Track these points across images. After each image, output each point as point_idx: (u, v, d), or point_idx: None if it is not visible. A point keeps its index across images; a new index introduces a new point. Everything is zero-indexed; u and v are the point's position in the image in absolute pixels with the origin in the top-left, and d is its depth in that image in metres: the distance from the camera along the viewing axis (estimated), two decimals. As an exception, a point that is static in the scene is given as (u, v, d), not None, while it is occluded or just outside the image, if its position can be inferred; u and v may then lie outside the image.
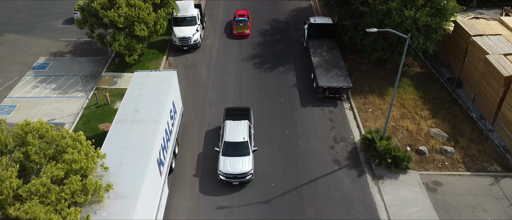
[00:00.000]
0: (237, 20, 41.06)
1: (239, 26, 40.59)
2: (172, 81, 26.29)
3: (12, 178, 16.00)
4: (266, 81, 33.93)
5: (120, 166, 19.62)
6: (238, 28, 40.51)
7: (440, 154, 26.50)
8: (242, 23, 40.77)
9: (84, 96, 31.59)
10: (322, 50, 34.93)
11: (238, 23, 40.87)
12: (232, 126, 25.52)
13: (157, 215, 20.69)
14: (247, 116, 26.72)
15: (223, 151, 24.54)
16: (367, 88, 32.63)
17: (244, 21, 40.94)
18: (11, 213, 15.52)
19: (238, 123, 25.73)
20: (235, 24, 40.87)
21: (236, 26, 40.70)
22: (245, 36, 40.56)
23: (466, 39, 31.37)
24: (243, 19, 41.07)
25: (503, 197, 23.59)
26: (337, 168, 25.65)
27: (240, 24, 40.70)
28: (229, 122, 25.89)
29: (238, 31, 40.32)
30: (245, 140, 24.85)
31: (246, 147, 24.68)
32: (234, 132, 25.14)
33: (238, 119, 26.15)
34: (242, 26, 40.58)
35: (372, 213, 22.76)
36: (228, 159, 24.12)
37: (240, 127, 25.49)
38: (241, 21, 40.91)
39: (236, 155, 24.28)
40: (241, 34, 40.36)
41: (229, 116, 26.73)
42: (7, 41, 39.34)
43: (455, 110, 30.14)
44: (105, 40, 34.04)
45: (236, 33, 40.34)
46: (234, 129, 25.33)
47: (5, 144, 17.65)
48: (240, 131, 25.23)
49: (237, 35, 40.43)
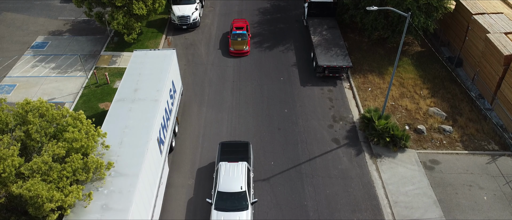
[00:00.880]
0: (235, 34, 34.83)
1: (236, 42, 34.34)
2: (172, 60, 26.24)
3: (14, 156, 16.17)
4: (266, 60, 33.85)
5: (121, 145, 19.82)
6: (236, 44, 34.23)
7: (438, 133, 26.68)
8: (240, 37, 34.58)
9: (83, 75, 31.58)
10: (322, 29, 34.71)
11: (235, 37, 34.63)
12: (228, 171, 21.59)
13: (158, 193, 21.01)
14: (245, 154, 22.90)
15: (217, 203, 20.73)
16: (366, 68, 32.58)
17: (243, 35, 34.80)
18: (14, 190, 15.76)
19: (235, 166, 21.77)
20: (232, 39, 34.54)
21: (233, 41, 34.39)
22: (244, 54, 34.32)
23: (467, 17, 31.12)
24: (242, 33, 34.88)
25: (499, 175, 23.89)
26: (335, 146, 25.89)
27: (238, 39, 34.47)
28: (223, 164, 21.92)
29: (236, 48, 34.02)
30: (243, 189, 20.97)
31: (244, 199, 20.85)
32: (230, 179, 21.25)
33: (235, 159, 22.34)
34: (240, 41, 34.35)
35: (369, 190, 23.11)
36: (222, 215, 20.36)
37: (237, 171, 21.58)
38: (239, 35, 34.74)
39: (232, 209, 20.52)
40: (239, 52, 34.02)
41: (224, 152, 22.93)
42: (5, 20, 39.04)
43: (454, 89, 30.18)
44: (103, 19, 33.79)
45: (233, 50, 34.04)
46: (229, 175, 21.42)
47: (6, 122, 17.76)
48: (237, 177, 21.29)
49: (234, 53, 34.16)
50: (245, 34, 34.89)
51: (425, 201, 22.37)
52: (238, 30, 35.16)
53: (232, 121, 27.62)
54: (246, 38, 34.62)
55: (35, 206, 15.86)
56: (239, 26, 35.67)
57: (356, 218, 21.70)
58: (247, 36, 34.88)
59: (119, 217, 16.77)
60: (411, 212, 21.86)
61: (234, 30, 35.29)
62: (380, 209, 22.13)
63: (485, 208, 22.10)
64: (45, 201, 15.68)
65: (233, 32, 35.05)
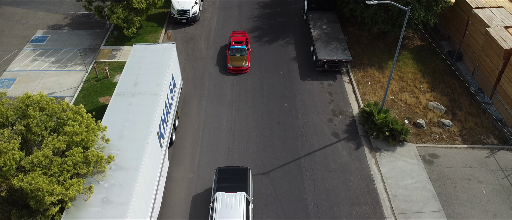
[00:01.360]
0: (233, 49, 32.01)
1: (235, 58, 31.55)
2: (171, 54, 26.24)
3: (14, 150, 16.25)
4: (266, 54, 33.83)
5: (121, 138, 19.88)
6: (234, 60, 31.44)
7: (437, 127, 26.75)
8: (239, 53, 31.73)
9: (83, 69, 31.59)
10: (322, 23, 34.65)
11: (233, 53, 31.81)
12: (225, 203, 19.73)
13: (158, 186, 21.11)
14: (244, 182, 21.08)
15: None
16: (366, 62, 32.58)
17: (242, 50, 31.90)
18: (15, 184, 15.86)
19: (233, 198, 19.89)
20: (230, 55, 31.81)
21: (232, 57, 31.64)
22: (243, 71, 31.59)
23: (467, 11, 31.07)
24: (241, 47, 32.02)
25: (498, 168, 23.99)
26: (335, 140, 25.96)
27: (237, 55, 31.65)
28: (220, 195, 20.08)
29: (234, 65, 31.24)
30: None
31: None
32: (227, 212, 19.40)
33: (233, 188, 20.51)
34: (239, 57, 31.56)
35: (369, 184, 23.22)
36: None
37: (235, 203, 19.73)
38: (237, 50, 31.89)
39: None
40: (238, 69, 31.28)
41: (221, 180, 21.08)
42: (4, 13, 38.96)
43: (454, 83, 30.20)
44: (103, 13, 33.73)
45: (232, 67, 31.30)
46: (227, 208, 19.59)
47: (6, 116, 17.82)
48: (236, 211, 19.49)
49: (232, 70, 31.44)
50: (245, 49, 32.01)
51: (424, 195, 22.48)
52: (237, 45, 32.33)
53: (232, 115, 27.67)
54: (245, 54, 31.81)
55: (36, 199, 15.96)
56: (237, 40, 32.89)
57: (355, 211, 21.83)
58: (246, 51, 32.00)
59: (120, 210, 16.88)
60: (410, 205, 21.98)
61: (232, 44, 32.43)
62: (379, 202, 22.25)
63: (484, 201, 22.22)
64: (45, 194, 15.77)
65: (231, 46, 32.21)
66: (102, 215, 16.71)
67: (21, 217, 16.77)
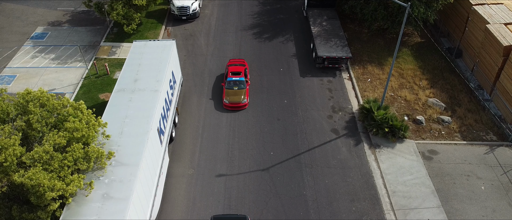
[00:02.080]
0: (230, 82, 27.84)
1: (232, 92, 27.38)
2: (171, 51, 26.26)
3: (15, 146, 16.31)
4: (265, 51, 33.85)
5: (121, 135, 19.95)
6: (231, 95, 27.27)
7: (437, 123, 26.81)
8: (236, 86, 27.69)
9: (83, 66, 31.61)
10: (322, 20, 34.64)
11: (230, 86, 27.71)
12: None
13: (158, 183, 21.19)
14: None
15: None
16: (366, 58, 32.61)
17: (240, 83, 27.81)
18: (16, 179, 15.92)
19: None
20: (227, 88, 27.66)
21: (228, 91, 27.46)
22: (241, 107, 27.53)
23: (467, 8, 31.07)
24: (239, 80, 27.90)
25: (497, 165, 24.07)
26: (335, 137, 26.02)
27: (234, 88, 27.56)
28: None
29: (231, 101, 27.08)
30: None
31: None
32: None
33: None
34: (237, 91, 27.39)
35: (368, 180, 23.30)
36: None
37: None
38: (235, 83, 27.79)
39: None
40: (235, 105, 27.13)
41: None
42: (4, 10, 38.93)
43: (453, 79, 30.25)
44: (103, 10, 33.70)
45: (228, 103, 27.15)
46: None
47: (7, 112, 17.87)
48: None
49: (229, 106, 27.33)
50: (243, 82, 27.92)
51: (423, 191, 22.57)
52: (235, 76, 28.22)
53: (231, 111, 27.71)
54: (244, 87, 27.73)
55: (36, 195, 16.04)
56: (235, 70, 28.74)
57: (355, 207, 21.92)
58: (245, 84, 27.94)
59: (120, 206, 16.95)
60: (409, 201, 22.07)
61: (229, 76, 28.34)
62: (379, 198, 22.34)
63: (483, 197, 22.31)
64: (46, 190, 15.85)
65: (229, 78, 28.05)
66: (103, 211, 16.79)
67: (22, 213, 16.85)
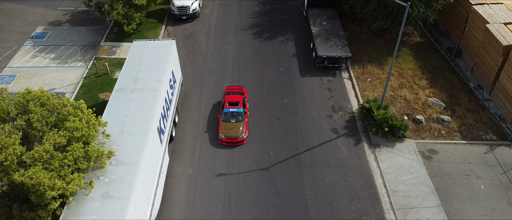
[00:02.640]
0: (227, 114, 25.41)
1: (229, 126, 24.91)
2: (171, 50, 26.28)
3: (15, 145, 16.33)
4: (265, 50, 33.88)
5: (121, 134, 19.98)
6: (228, 128, 24.83)
7: (436, 123, 26.84)
8: (234, 118, 25.19)
9: (83, 66, 31.64)
10: (322, 20, 34.67)
11: (227, 118, 25.24)
12: None
13: (158, 182, 21.22)
14: None
15: None
16: (366, 58, 32.64)
17: (238, 114, 25.31)
18: (16, 178, 15.95)
19: None
20: (223, 120, 25.24)
21: (225, 124, 25.02)
22: (239, 143, 25.00)
23: (467, 7, 31.10)
24: (237, 111, 25.40)
25: (496, 164, 24.09)
26: (334, 136, 26.05)
27: (231, 121, 25.08)
28: None
29: (228, 135, 24.64)
30: None
31: None
32: None
33: None
34: (234, 124, 24.90)
35: (368, 179, 23.32)
36: None
37: None
38: (232, 115, 25.34)
39: None
40: (232, 140, 24.71)
41: None
42: (4, 10, 38.96)
43: (453, 79, 30.28)
44: (103, 9, 33.73)
45: (224, 138, 24.71)
46: None
47: (7, 111, 17.90)
48: None
49: (225, 142, 24.87)
50: (242, 114, 25.42)
51: (423, 190, 22.59)
52: (232, 107, 25.66)
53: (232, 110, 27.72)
54: (242, 120, 25.20)
55: (37, 194, 16.06)
56: (233, 100, 26.11)
57: (355, 206, 21.94)
58: (244, 116, 25.47)
59: (120, 205, 16.98)
60: (409, 201, 22.09)
61: (226, 106, 25.78)
62: (378, 198, 22.36)
63: (482, 197, 22.33)
64: (47, 189, 15.87)
65: (225, 110, 25.56)
66: (103, 210, 16.81)
67: (22, 212, 16.86)
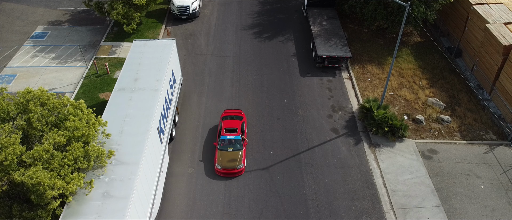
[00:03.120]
0: (224, 141, 23.43)
1: (225, 155, 22.94)
2: (171, 50, 26.28)
3: (15, 145, 16.33)
4: (265, 50, 33.87)
5: (121, 134, 19.97)
6: (225, 158, 22.85)
7: (436, 123, 26.84)
8: (231, 147, 23.19)
9: (83, 65, 31.63)
10: (322, 20, 34.67)
11: (224, 147, 23.26)
12: None
13: (158, 182, 21.21)
14: None
15: None
16: (366, 58, 32.64)
17: (235, 142, 23.35)
18: (16, 178, 15.94)
19: None
20: (219, 149, 23.22)
21: (221, 153, 23.02)
22: (237, 174, 22.99)
23: (467, 7, 31.10)
24: (234, 138, 23.42)
25: (496, 164, 24.09)
26: (334, 136, 26.05)
27: (229, 150, 23.07)
28: None
29: (225, 166, 22.67)
30: None
31: None
32: None
33: None
34: (232, 153, 22.92)
35: (368, 179, 23.32)
36: None
37: None
38: (230, 142, 23.38)
39: None
40: (229, 171, 22.71)
41: None
42: (4, 9, 38.96)
43: (453, 79, 30.28)
44: (103, 9, 33.73)
45: (221, 169, 22.72)
46: None
47: (7, 111, 17.90)
48: None
49: (222, 173, 22.86)
50: (240, 141, 23.44)
51: (423, 190, 22.59)
52: (229, 134, 23.67)
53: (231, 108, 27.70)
54: (240, 148, 23.17)
55: (37, 193, 16.06)
56: (230, 126, 24.08)
57: (355, 206, 21.94)
58: (242, 144, 23.48)
59: (120, 204, 16.97)
60: (409, 200, 22.09)
61: (223, 133, 23.76)
62: (378, 197, 22.36)
63: (482, 196, 22.33)
64: (47, 189, 15.87)
65: (222, 137, 23.55)
66: (103, 209, 16.81)
67: (22, 211, 16.87)
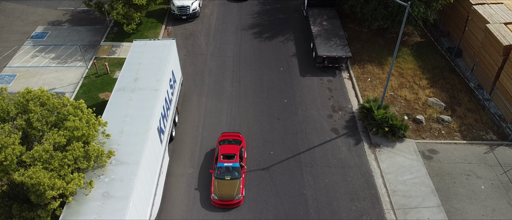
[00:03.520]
0: (220, 168, 21.89)
1: (223, 184, 21.39)
2: (171, 50, 26.26)
3: (15, 145, 16.30)
4: (266, 50, 33.85)
5: (121, 134, 19.96)
6: (222, 187, 21.32)
7: (437, 123, 26.82)
8: (229, 175, 21.64)
9: (83, 65, 31.61)
10: (322, 19, 34.65)
11: (221, 175, 21.71)
12: None
13: (158, 182, 21.19)
14: None
15: None
16: (366, 58, 32.62)
17: (233, 170, 21.80)
18: (16, 178, 15.92)
19: None
20: (216, 177, 21.70)
21: (218, 182, 21.49)
22: (234, 205, 21.42)
23: (467, 7, 31.08)
24: (232, 166, 21.85)
25: (497, 164, 24.07)
26: (335, 136, 26.03)
27: (226, 178, 21.56)
28: None
29: (222, 196, 21.09)
30: None
31: None
32: None
33: None
34: (229, 182, 21.40)
35: (368, 179, 23.30)
36: None
37: None
38: (227, 170, 21.82)
39: None
40: (227, 203, 21.15)
41: None
42: (4, 9, 38.94)
43: (453, 79, 30.26)
44: (103, 9, 33.71)
45: (218, 200, 21.17)
46: None
47: (7, 111, 17.87)
48: None
49: (218, 204, 21.31)
50: (238, 169, 21.81)
51: (423, 190, 22.57)
52: (227, 161, 22.04)
53: (231, 111, 27.73)
54: (239, 177, 21.58)
55: (37, 193, 16.04)
56: (228, 152, 22.48)
57: (355, 206, 21.92)
58: (240, 172, 21.81)
59: (120, 204, 16.96)
60: (409, 200, 22.07)
61: (220, 160, 22.14)
62: (379, 197, 22.34)
63: (483, 197, 22.31)
64: (46, 189, 15.85)
65: (219, 164, 21.97)
66: (103, 209, 16.79)
67: (22, 212, 16.85)
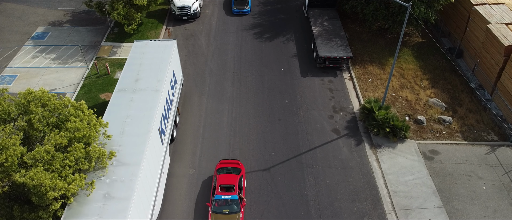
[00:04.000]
0: (218, 201, 20.46)
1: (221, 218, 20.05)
2: (172, 50, 26.24)
3: (15, 146, 16.28)
4: (266, 51, 33.83)
5: (122, 134, 19.93)
6: None
7: (438, 123, 26.79)
8: (227, 209, 20.23)
9: (84, 66, 31.59)
10: (323, 20, 34.62)
11: (219, 208, 20.29)
12: None
13: (159, 182, 21.17)
14: None
15: None
16: (367, 58, 32.59)
17: (232, 203, 20.36)
18: (17, 179, 15.90)
19: None
20: (213, 211, 20.28)
21: (216, 216, 20.13)
22: None
23: (468, 8, 31.06)
24: (231, 199, 20.40)
25: (498, 165, 24.04)
26: (336, 137, 26.00)
27: (224, 212, 20.15)
28: None
29: None
30: None
31: None
32: None
33: None
34: (228, 217, 20.05)
35: (369, 180, 23.27)
36: None
37: None
38: (226, 203, 20.39)
39: None
40: None
41: None
42: (4, 10, 38.92)
43: (454, 79, 30.23)
44: (103, 9, 33.69)
45: None
46: None
47: (8, 112, 17.85)
48: None
49: None
50: (237, 202, 20.42)
51: (425, 191, 22.54)
52: (225, 193, 20.55)
53: (232, 111, 27.71)
54: (238, 210, 20.21)
55: (38, 194, 16.01)
56: (226, 183, 21.00)
57: (356, 207, 21.89)
58: (239, 205, 20.38)
59: (121, 205, 16.94)
60: (410, 201, 22.04)
61: (218, 191, 20.70)
62: (380, 198, 22.31)
63: (484, 197, 22.28)
64: (48, 190, 15.83)
65: (216, 197, 20.53)
66: (104, 210, 16.77)
67: (23, 213, 16.83)
